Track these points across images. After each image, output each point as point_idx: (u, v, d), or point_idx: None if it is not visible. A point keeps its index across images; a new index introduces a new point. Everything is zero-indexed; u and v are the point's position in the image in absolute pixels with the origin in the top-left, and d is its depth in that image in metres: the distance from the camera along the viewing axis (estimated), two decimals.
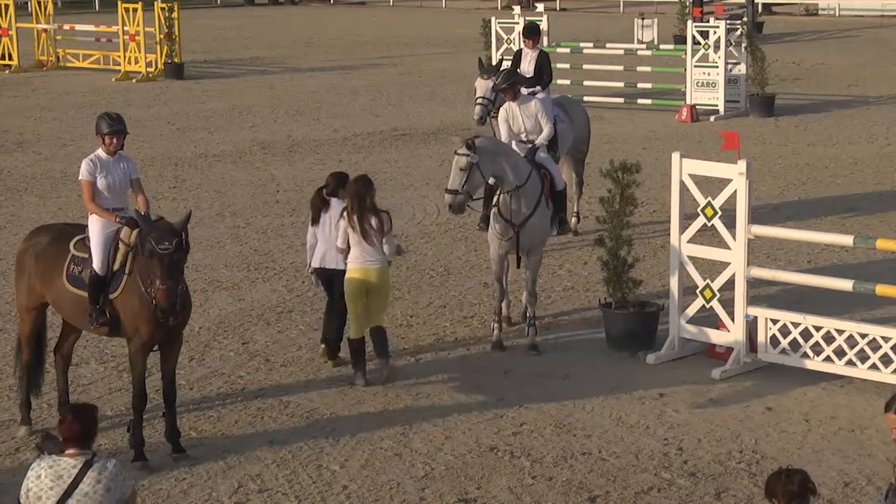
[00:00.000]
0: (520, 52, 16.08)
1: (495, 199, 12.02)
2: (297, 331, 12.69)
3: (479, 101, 15.34)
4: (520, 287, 13.06)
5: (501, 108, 13.32)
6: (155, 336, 9.51)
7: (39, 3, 34.17)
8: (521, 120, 13.06)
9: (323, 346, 11.68)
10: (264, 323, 12.96)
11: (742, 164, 11.12)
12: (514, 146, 12.91)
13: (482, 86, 15.34)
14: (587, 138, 16.29)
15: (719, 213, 11.37)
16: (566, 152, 15.55)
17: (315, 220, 11.48)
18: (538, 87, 15.31)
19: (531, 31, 15.91)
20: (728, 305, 11.47)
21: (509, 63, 16.28)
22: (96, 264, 9.71)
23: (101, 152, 9.96)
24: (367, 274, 10.96)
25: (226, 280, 14.48)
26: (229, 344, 12.34)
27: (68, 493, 6.38)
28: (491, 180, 11.80)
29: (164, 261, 9.10)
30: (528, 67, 15.62)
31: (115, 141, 9.90)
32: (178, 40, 31.85)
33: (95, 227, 9.82)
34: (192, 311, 9.91)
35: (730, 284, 11.40)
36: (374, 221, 10.95)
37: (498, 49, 26.71)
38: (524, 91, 13.57)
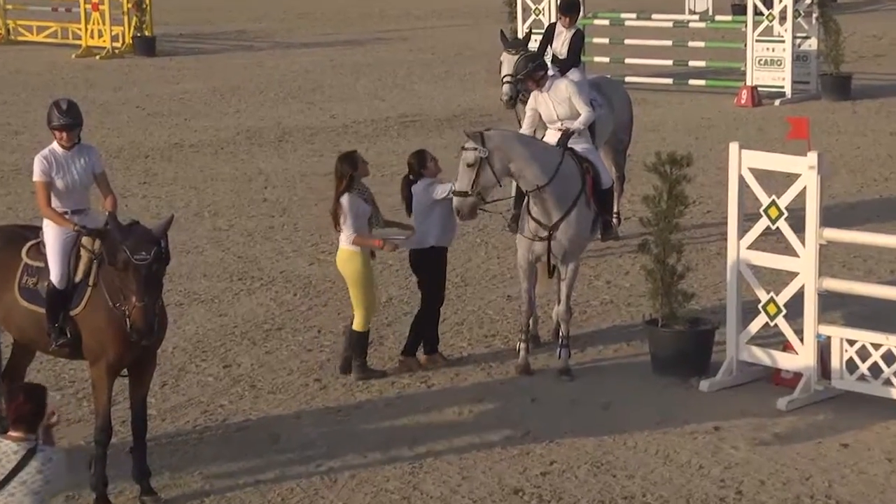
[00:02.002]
0: (553, 27, 16.00)
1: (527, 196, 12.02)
2: (288, 352, 12.70)
3: (507, 79, 15.31)
4: (550, 301, 13.04)
5: (531, 95, 13.31)
6: (124, 358, 9.50)
7: None
8: (551, 106, 13.04)
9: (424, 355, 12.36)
10: (249, 342, 12.97)
11: (812, 157, 11.09)
12: (549, 135, 12.92)
13: (509, 61, 15.29)
14: (629, 126, 16.28)
15: (785, 214, 11.34)
16: (605, 142, 15.53)
17: (409, 209, 12.23)
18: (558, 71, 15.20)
19: (569, 8, 15.75)
20: (796, 323, 11.44)
21: (538, 39, 16.25)
22: (55, 276, 9.71)
23: (56, 146, 9.94)
24: (336, 256, 12.06)
25: (204, 292, 14.50)
26: (208, 367, 12.35)
27: (7, 479, 6.74)
28: (505, 180, 11.80)
29: (141, 273, 9.07)
30: (561, 49, 15.57)
31: (66, 136, 9.86)
32: (149, 10, 31.92)
33: (52, 233, 9.81)
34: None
35: (798, 298, 11.37)
36: (337, 205, 11.82)
37: (524, 21, 26.70)
38: (549, 72, 13.49)
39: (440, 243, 12.20)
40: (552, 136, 12.88)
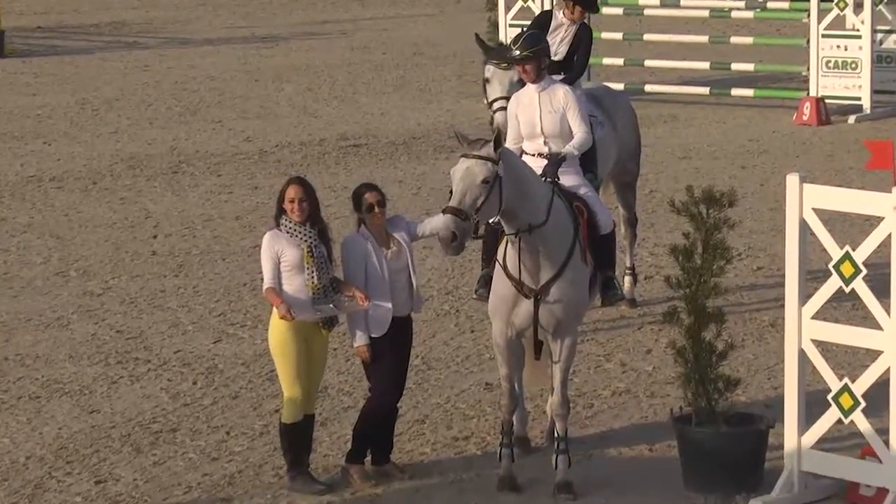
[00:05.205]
0: (547, 15, 15.95)
1: (501, 248, 12.02)
2: (186, 462, 12.65)
3: (499, 104, 15.09)
4: (544, 390, 13.05)
5: (513, 96, 13.31)
6: None
7: None
8: (538, 114, 13.01)
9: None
10: (132, 449, 12.92)
11: None
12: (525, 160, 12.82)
13: (500, 78, 15.05)
14: (636, 150, 16.29)
15: (863, 272, 11.38)
16: (607, 173, 15.54)
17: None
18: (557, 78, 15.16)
19: None
20: (879, 420, 11.46)
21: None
22: None
23: None
24: None
25: (70, 380, 14.43)
26: (75, 483, 12.29)
27: None
28: (495, 218, 11.80)
29: None
30: (558, 47, 15.57)
31: None
32: None
33: None
34: (16, 430, 9.86)
35: (881, 387, 11.40)
36: None
37: (507, 11, 26.81)
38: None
39: (401, 312, 12.20)
40: (531, 162, 12.66)
